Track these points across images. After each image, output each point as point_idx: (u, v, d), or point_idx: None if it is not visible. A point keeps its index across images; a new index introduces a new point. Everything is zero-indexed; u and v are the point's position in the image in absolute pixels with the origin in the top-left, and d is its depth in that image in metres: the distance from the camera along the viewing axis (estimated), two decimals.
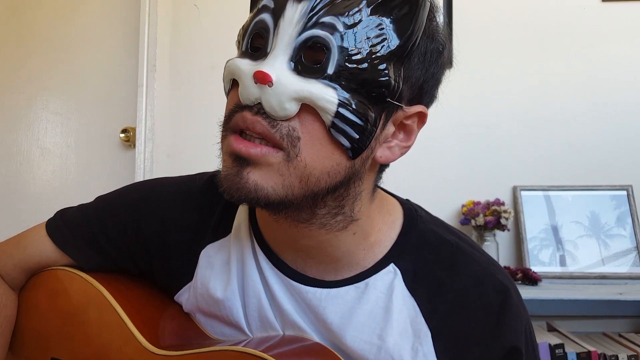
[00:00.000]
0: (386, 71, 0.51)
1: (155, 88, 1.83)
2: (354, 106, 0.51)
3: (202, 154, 1.83)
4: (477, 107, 1.73)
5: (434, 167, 1.72)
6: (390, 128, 0.56)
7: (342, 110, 0.50)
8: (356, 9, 0.50)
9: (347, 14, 0.50)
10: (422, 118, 0.58)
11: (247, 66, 0.52)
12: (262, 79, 0.49)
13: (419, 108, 0.57)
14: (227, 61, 0.55)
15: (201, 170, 0.77)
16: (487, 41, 1.74)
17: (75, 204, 0.80)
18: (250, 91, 0.51)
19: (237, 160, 0.52)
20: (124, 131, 1.87)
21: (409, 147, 0.59)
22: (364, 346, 0.59)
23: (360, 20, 0.50)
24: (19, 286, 0.77)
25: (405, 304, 0.60)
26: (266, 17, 0.52)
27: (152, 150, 1.83)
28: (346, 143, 0.52)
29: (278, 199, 0.53)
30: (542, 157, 1.69)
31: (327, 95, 0.50)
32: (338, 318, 0.60)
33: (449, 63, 0.61)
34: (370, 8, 0.51)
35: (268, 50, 0.52)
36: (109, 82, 1.94)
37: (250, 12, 0.57)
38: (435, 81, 0.59)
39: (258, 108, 0.51)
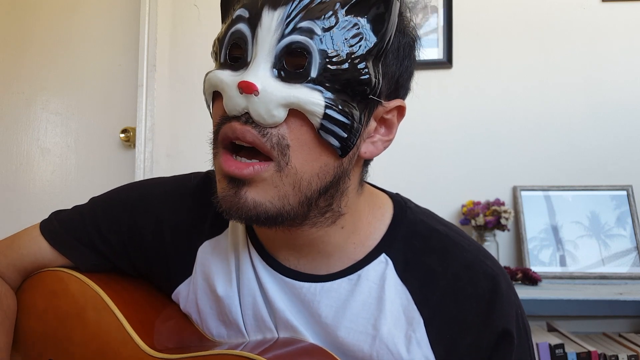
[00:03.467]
0: (366, 69, 0.52)
1: (155, 88, 1.83)
2: (339, 106, 0.52)
3: (202, 154, 1.83)
4: (477, 107, 1.73)
5: (434, 167, 1.72)
6: (372, 124, 0.58)
7: (329, 112, 0.51)
8: (331, 12, 0.51)
9: (323, 18, 0.51)
10: (401, 111, 0.60)
11: (229, 77, 0.52)
12: (247, 88, 0.50)
13: (397, 102, 0.59)
14: (207, 74, 0.56)
15: (201, 170, 0.77)
16: (487, 41, 1.74)
17: (75, 203, 0.80)
18: (236, 102, 0.51)
19: (232, 182, 0.53)
20: (123, 131, 1.87)
21: (391, 141, 0.60)
22: (359, 337, 0.60)
23: (336, 22, 0.51)
24: (15, 287, 0.76)
25: (398, 292, 0.61)
26: (242, 27, 0.53)
27: (152, 150, 1.83)
28: (335, 143, 0.53)
29: (276, 212, 0.54)
30: (542, 157, 1.69)
31: (313, 99, 0.51)
32: (333, 311, 0.61)
33: (448, 63, 0.62)
34: (344, 9, 0.52)
35: (248, 59, 0.52)
36: (108, 82, 1.94)
37: (222, 22, 0.58)
38: (409, 74, 0.60)
39: (246, 117, 0.51)
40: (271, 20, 0.51)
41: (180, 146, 1.84)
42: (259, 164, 0.52)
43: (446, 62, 1.72)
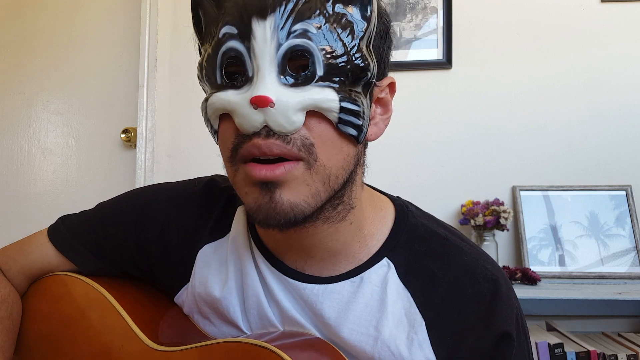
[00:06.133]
0: (363, 56, 0.53)
1: (156, 88, 1.83)
2: (351, 96, 0.53)
3: (203, 154, 1.84)
4: (476, 107, 1.73)
5: (433, 167, 1.73)
6: (372, 106, 0.59)
7: (344, 104, 0.52)
8: (318, 10, 0.51)
9: (313, 16, 0.51)
10: (392, 87, 0.62)
11: (236, 97, 0.51)
12: (262, 102, 0.49)
13: (388, 79, 0.61)
14: (206, 100, 0.55)
15: (202, 170, 0.78)
16: (487, 42, 1.74)
17: (76, 204, 0.81)
18: (253, 118, 0.50)
19: (265, 188, 0.52)
20: (124, 131, 1.88)
21: (389, 118, 0.62)
22: (361, 338, 0.60)
23: (327, 18, 0.52)
24: (22, 292, 0.77)
25: (399, 295, 0.61)
26: (234, 43, 0.52)
27: (153, 150, 1.84)
28: (353, 132, 0.54)
29: (311, 210, 0.54)
30: (541, 157, 1.69)
31: (328, 96, 0.51)
32: (335, 313, 0.62)
33: (448, 63, 0.62)
34: (330, 3, 0.52)
35: (250, 74, 0.51)
36: (110, 82, 1.95)
37: (203, 46, 0.57)
38: (389, 52, 0.62)
39: (267, 131, 0.50)
40: (264, 31, 0.50)
41: (180, 146, 1.84)
42: (289, 163, 0.52)
43: (445, 62, 1.72)
